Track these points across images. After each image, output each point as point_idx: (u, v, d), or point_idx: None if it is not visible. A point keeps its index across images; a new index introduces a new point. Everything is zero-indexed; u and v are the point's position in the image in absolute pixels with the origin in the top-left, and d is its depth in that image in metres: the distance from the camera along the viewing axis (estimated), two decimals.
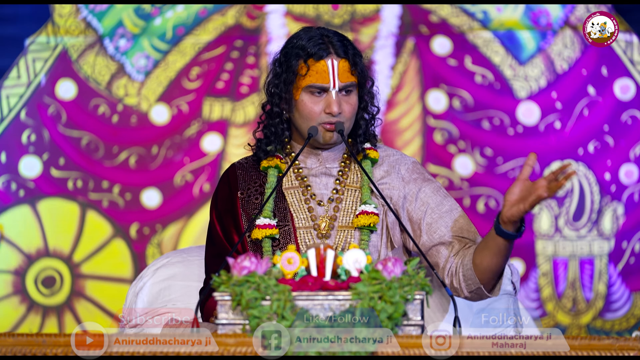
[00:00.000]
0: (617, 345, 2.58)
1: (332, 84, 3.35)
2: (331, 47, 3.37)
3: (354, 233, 3.39)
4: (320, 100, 3.37)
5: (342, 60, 3.37)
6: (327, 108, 3.35)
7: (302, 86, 3.37)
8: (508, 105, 6.20)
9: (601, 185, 6.14)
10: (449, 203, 3.41)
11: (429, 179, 3.46)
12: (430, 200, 3.41)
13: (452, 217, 3.37)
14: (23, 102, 6.16)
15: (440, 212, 3.39)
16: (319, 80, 3.35)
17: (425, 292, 2.65)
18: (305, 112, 3.37)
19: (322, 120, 3.36)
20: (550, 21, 6.19)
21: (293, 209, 3.42)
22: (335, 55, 3.37)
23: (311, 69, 3.36)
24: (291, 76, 3.38)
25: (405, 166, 3.49)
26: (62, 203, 6.17)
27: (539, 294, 6.14)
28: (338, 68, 3.36)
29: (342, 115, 3.36)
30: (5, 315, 6.11)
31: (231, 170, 3.53)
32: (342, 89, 3.37)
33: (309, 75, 3.36)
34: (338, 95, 3.36)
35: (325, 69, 3.35)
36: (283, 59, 3.41)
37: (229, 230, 3.43)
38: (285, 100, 3.41)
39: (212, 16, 6.24)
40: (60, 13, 6.20)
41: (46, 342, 2.60)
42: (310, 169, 3.47)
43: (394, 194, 3.44)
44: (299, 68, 3.37)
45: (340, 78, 3.36)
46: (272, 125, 3.44)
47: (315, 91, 3.36)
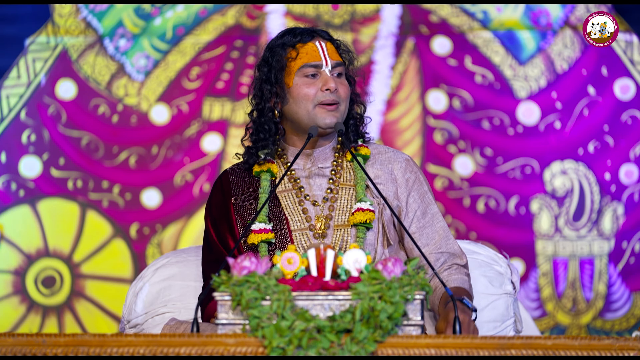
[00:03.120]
0: (617, 345, 2.58)
1: (325, 61, 3.42)
2: (315, 32, 3.46)
3: (351, 231, 3.39)
4: (314, 81, 3.41)
5: (328, 42, 3.46)
6: (324, 85, 3.40)
7: (294, 70, 3.41)
8: (508, 105, 6.20)
9: (601, 185, 6.15)
10: (430, 212, 3.45)
11: (419, 182, 3.48)
12: (417, 210, 3.44)
13: (433, 229, 3.44)
14: (23, 102, 6.16)
15: (424, 222, 3.43)
16: (311, 59, 3.41)
17: (425, 292, 2.65)
18: (301, 95, 3.40)
19: (319, 100, 3.39)
20: (550, 21, 6.19)
21: (287, 212, 3.42)
22: (321, 38, 3.46)
23: (300, 51, 3.42)
24: (280, 67, 3.42)
25: (397, 165, 3.50)
26: (62, 203, 6.17)
27: (539, 294, 6.14)
28: (327, 48, 3.43)
29: (338, 94, 3.40)
30: (5, 315, 6.11)
31: (224, 176, 3.54)
32: (334, 67, 3.42)
33: (300, 57, 3.42)
34: (333, 75, 3.41)
35: (315, 49, 3.42)
36: (269, 55, 3.46)
37: (224, 236, 3.44)
38: (276, 94, 3.44)
39: (212, 16, 6.24)
40: (60, 13, 6.20)
41: (46, 342, 2.60)
42: (302, 170, 3.48)
43: (387, 195, 3.44)
44: (288, 55, 3.42)
45: (331, 56, 3.43)
46: (265, 123, 3.45)
47: (309, 73, 3.41)
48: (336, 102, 3.40)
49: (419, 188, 3.47)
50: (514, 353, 2.57)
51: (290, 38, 3.45)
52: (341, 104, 3.41)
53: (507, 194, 6.19)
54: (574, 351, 2.58)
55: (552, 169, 6.18)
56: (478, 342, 2.59)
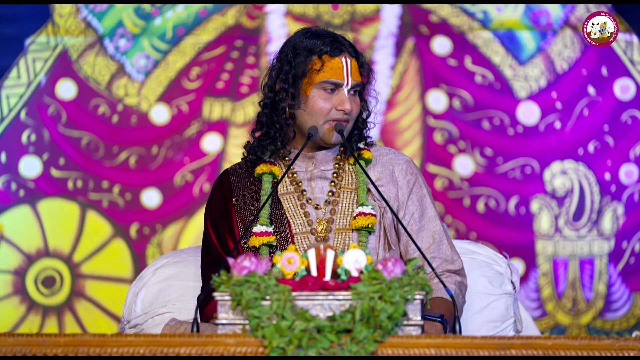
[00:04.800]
0: (617, 345, 2.58)
1: (346, 81, 3.36)
2: (344, 46, 3.39)
3: (352, 235, 3.39)
4: (331, 97, 3.36)
5: (353, 59, 3.39)
6: (340, 105, 3.35)
7: (315, 82, 3.36)
8: (508, 105, 6.21)
9: (601, 185, 6.15)
10: (427, 216, 3.44)
11: (419, 185, 3.47)
12: (414, 212, 3.43)
13: (427, 233, 3.42)
14: (23, 102, 6.16)
15: (419, 225, 3.42)
16: (334, 76, 3.35)
17: (425, 292, 2.65)
18: (316, 108, 3.36)
19: (332, 117, 3.36)
20: (550, 21, 6.19)
21: (289, 215, 3.41)
22: (348, 54, 3.39)
23: (326, 64, 3.36)
24: (302, 72, 3.37)
25: (398, 167, 3.49)
26: (62, 203, 6.17)
27: (539, 294, 6.14)
28: (351, 66, 3.38)
29: (350, 113, 3.37)
30: (5, 315, 6.11)
31: (224, 176, 3.51)
32: (353, 87, 3.38)
33: (323, 71, 3.35)
34: (350, 93, 3.38)
35: (341, 66, 3.36)
36: (291, 54, 3.39)
37: (224, 238, 3.42)
38: (291, 96, 3.39)
39: (212, 16, 6.24)
40: (60, 13, 6.20)
41: (46, 342, 2.60)
42: (305, 173, 3.47)
43: (389, 197, 3.44)
44: (312, 63, 3.36)
45: (353, 76, 3.37)
46: (277, 122, 3.41)
47: (328, 88, 3.36)
48: (346, 120, 3.39)
49: (418, 191, 3.46)
50: (514, 353, 2.57)
51: (319, 45, 3.37)
52: (350, 122, 3.39)
53: (507, 194, 6.20)
54: (574, 351, 2.58)
55: (552, 169, 6.18)
56: (478, 342, 2.59)
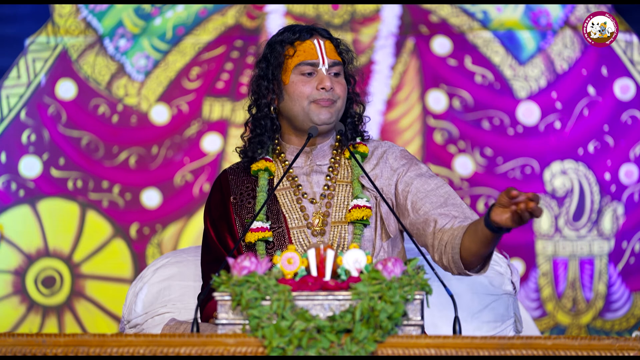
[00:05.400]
0: (617, 345, 2.58)
1: (322, 60, 3.43)
2: (315, 30, 3.48)
3: (348, 228, 3.40)
4: (310, 79, 3.42)
5: (327, 40, 3.47)
6: (319, 84, 3.41)
7: (291, 67, 3.42)
8: (508, 105, 6.20)
9: (601, 185, 6.15)
10: (434, 182, 3.42)
11: (416, 163, 3.47)
12: (416, 181, 3.42)
13: (437, 194, 3.39)
14: (23, 102, 6.16)
15: (426, 190, 3.40)
16: (308, 57, 3.43)
17: (425, 292, 2.65)
18: (297, 92, 3.41)
19: (314, 98, 3.40)
20: (550, 21, 6.19)
21: (285, 210, 3.43)
22: (320, 36, 3.47)
23: (298, 48, 3.43)
24: (278, 63, 3.44)
25: (393, 155, 3.51)
26: (62, 203, 6.17)
27: (539, 294, 6.14)
28: (325, 46, 3.45)
29: (334, 92, 3.40)
30: (5, 315, 6.11)
31: (223, 176, 3.55)
32: (331, 66, 3.43)
33: (297, 55, 3.43)
34: (329, 74, 3.42)
35: (313, 47, 3.44)
36: (268, 52, 3.48)
37: (223, 236, 3.44)
38: (272, 91, 3.45)
39: (212, 16, 6.24)
40: (60, 13, 6.20)
41: (46, 342, 2.60)
42: (301, 168, 3.49)
43: (385, 184, 3.44)
44: (286, 52, 3.44)
45: (329, 55, 3.44)
46: (261, 119, 3.47)
47: (306, 71, 3.42)
48: (331, 100, 3.41)
49: (417, 167, 3.47)
50: (514, 353, 2.57)
51: (289, 35, 3.46)
52: (337, 102, 3.42)
53: None
54: (574, 351, 2.58)
55: (552, 169, 6.18)
56: (478, 342, 2.59)
